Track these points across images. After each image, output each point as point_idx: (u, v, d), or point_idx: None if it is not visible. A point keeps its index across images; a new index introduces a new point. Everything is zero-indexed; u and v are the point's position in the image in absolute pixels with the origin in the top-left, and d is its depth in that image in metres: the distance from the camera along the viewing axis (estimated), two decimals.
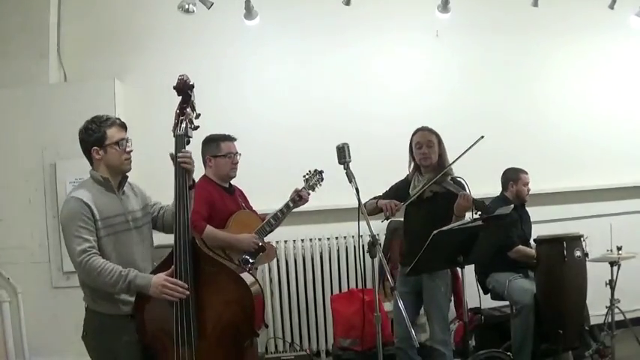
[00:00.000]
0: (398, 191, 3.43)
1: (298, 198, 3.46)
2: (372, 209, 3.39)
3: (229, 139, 3.43)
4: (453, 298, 3.47)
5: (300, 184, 3.56)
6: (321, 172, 3.61)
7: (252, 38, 4.59)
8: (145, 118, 4.26)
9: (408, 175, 3.51)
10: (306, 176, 3.59)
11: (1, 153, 4.24)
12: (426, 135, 3.38)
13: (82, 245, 2.31)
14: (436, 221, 3.18)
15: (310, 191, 3.53)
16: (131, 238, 2.50)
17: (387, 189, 3.56)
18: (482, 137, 3.13)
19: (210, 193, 3.28)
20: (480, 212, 3.11)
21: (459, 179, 3.28)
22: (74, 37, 4.52)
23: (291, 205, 3.46)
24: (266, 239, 3.51)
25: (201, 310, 2.37)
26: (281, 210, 3.43)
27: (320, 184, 3.61)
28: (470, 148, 3.16)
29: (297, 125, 4.61)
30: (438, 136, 3.40)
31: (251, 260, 3.33)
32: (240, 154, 3.46)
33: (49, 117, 4.22)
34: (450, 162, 3.31)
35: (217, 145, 3.38)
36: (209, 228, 3.18)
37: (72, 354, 3.89)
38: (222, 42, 4.64)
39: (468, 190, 3.21)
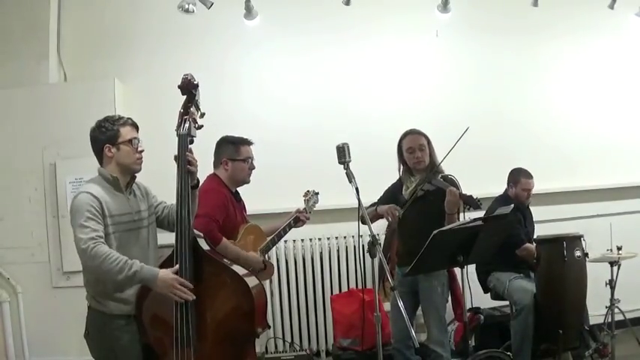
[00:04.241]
0: (392, 195, 3.42)
1: (299, 219, 3.45)
2: (373, 216, 3.38)
3: (248, 142, 3.30)
4: (450, 299, 3.46)
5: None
6: (317, 194, 3.62)
7: (252, 38, 4.59)
8: (145, 118, 4.16)
9: (399, 178, 3.51)
10: (306, 197, 3.59)
11: (1, 153, 4.24)
12: (417, 139, 3.37)
13: (90, 234, 2.29)
14: (429, 219, 3.21)
15: (309, 212, 3.53)
16: (137, 238, 2.51)
17: (382, 194, 3.56)
18: (468, 128, 3.13)
19: (226, 197, 3.16)
20: (469, 207, 3.10)
21: (450, 177, 3.28)
22: (74, 38, 4.52)
23: (293, 224, 3.44)
24: None
25: (201, 311, 2.37)
26: (283, 229, 3.41)
27: (315, 206, 3.61)
28: (457, 141, 3.16)
29: (297, 125, 4.61)
30: (427, 137, 3.40)
31: None
32: (255, 159, 3.34)
33: (49, 117, 4.22)
34: (441, 159, 3.31)
35: (237, 149, 3.24)
36: (224, 241, 3.05)
37: (72, 354, 3.91)
38: (222, 42, 4.64)
39: (459, 187, 3.20)
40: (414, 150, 3.35)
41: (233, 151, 3.24)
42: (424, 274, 3.22)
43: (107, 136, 2.47)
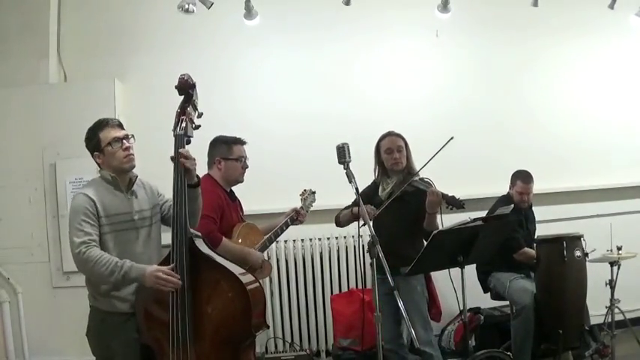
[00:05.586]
0: (368, 197, 3.39)
1: (296, 217, 3.47)
2: (348, 219, 3.41)
3: (240, 142, 3.31)
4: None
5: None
6: (314, 193, 3.65)
7: (252, 38, 4.58)
8: (145, 118, 4.26)
9: (375, 180, 3.52)
10: (303, 196, 3.61)
11: (1, 153, 4.24)
12: (395, 140, 3.42)
13: (82, 238, 2.34)
14: (406, 219, 3.25)
15: (306, 211, 3.55)
16: (136, 237, 2.52)
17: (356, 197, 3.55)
18: (452, 138, 3.13)
19: (220, 197, 3.17)
20: (452, 207, 3.09)
21: (426, 179, 3.28)
22: (74, 37, 4.52)
23: (290, 223, 3.46)
24: None
25: (197, 310, 2.37)
26: (280, 227, 3.42)
27: (312, 205, 3.64)
28: (440, 149, 3.17)
29: (296, 124, 4.61)
30: (404, 140, 3.44)
31: None
32: (248, 159, 3.34)
33: (49, 117, 4.22)
34: (421, 167, 3.32)
35: (229, 148, 3.25)
36: (225, 240, 3.06)
37: (72, 354, 3.91)
38: (223, 42, 4.63)
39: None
40: (392, 151, 3.39)
41: (226, 150, 3.26)
42: (402, 275, 3.15)
43: (92, 145, 2.52)
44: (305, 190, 3.64)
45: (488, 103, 4.82)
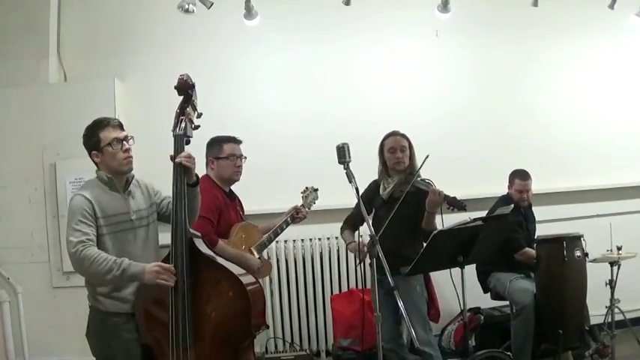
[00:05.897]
0: (368, 199, 3.39)
1: (296, 214, 3.47)
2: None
3: (233, 141, 3.33)
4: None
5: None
6: (316, 190, 3.65)
7: (252, 38, 4.59)
8: (145, 118, 4.27)
9: (376, 179, 3.52)
10: (304, 193, 3.61)
11: (1, 153, 4.24)
12: (399, 140, 3.42)
13: (79, 237, 2.33)
14: (406, 220, 3.23)
15: (307, 209, 3.55)
16: (134, 237, 2.52)
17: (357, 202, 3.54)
18: (428, 156, 3.11)
19: (217, 198, 3.18)
20: (453, 208, 3.09)
21: (427, 180, 3.28)
22: (74, 37, 4.52)
23: (290, 221, 3.46)
24: None
25: (197, 310, 2.37)
26: (280, 226, 3.42)
27: (314, 202, 3.64)
28: (419, 168, 3.20)
29: (297, 125, 4.61)
30: (409, 140, 3.44)
31: None
32: (245, 158, 3.35)
33: (49, 117, 4.23)
34: (415, 175, 3.30)
35: (220, 147, 3.29)
36: (221, 243, 3.07)
37: (72, 354, 3.91)
38: (222, 42, 4.63)
39: None
40: (395, 150, 3.39)
41: (217, 149, 3.29)
42: (401, 275, 3.14)
43: (90, 144, 2.51)
44: (307, 188, 3.64)
45: (488, 102, 4.82)
